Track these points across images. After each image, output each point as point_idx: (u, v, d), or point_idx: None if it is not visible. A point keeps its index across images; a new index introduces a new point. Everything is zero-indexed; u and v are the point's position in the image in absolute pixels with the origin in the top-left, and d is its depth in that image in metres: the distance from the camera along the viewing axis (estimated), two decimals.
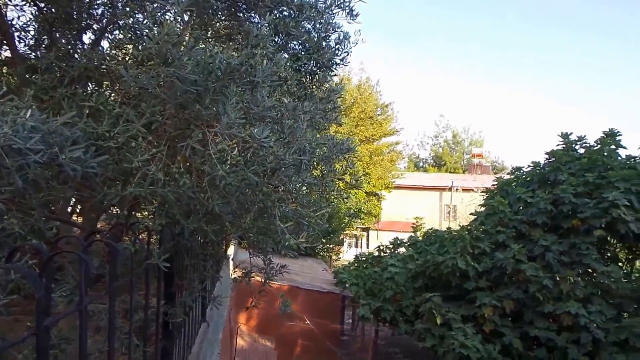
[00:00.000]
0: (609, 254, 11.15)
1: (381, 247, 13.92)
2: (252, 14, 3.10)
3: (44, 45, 2.90)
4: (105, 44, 3.15)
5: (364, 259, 13.72)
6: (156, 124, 2.06)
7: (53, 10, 2.86)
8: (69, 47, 2.89)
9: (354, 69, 34.53)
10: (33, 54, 2.84)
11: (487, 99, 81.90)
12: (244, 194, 2.25)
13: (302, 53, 3.22)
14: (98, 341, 2.43)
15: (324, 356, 12.63)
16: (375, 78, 42.32)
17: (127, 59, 2.91)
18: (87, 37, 3.18)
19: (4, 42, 2.94)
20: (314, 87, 3.59)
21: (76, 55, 2.80)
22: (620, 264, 10.98)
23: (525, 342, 9.50)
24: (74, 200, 3.37)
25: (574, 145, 11.64)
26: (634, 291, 9.12)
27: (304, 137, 1.98)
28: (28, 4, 2.96)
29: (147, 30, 2.44)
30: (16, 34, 2.86)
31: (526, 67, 78.01)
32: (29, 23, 2.87)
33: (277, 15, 3.10)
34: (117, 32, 3.05)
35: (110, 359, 1.63)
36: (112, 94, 2.87)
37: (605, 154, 11.06)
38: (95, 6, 2.94)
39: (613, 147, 11.18)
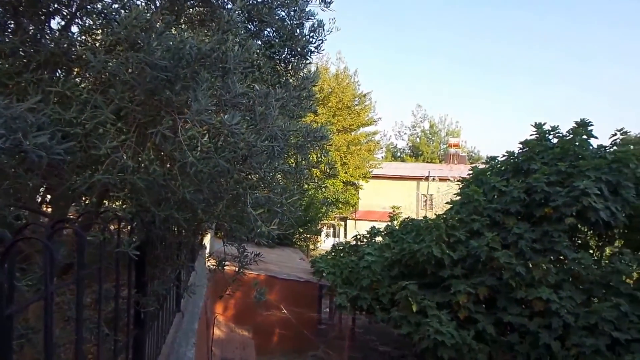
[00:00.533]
0: (579, 242, 11.45)
1: (358, 236, 14.02)
2: (226, 0, 3.06)
3: (9, 30, 2.81)
4: (75, 29, 3.07)
5: (341, 248, 13.82)
6: (125, 111, 2.02)
7: None
8: (36, 32, 2.81)
9: (332, 58, 34.49)
10: None
11: (464, 89, 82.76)
12: (216, 181, 2.23)
13: (276, 40, 3.20)
14: (68, 331, 2.40)
15: (301, 345, 12.70)
16: (353, 68, 42.26)
17: (96, 44, 2.84)
18: (56, 23, 3.09)
19: None
20: (289, 75, 3.56)
21: (43, 41, 2.72)
22: (590, 251, 11.29)
23: (499, 328, 9.72)
24: (43, 189, 3.29)
25: (547, 135, 11.87)
26: (603, 277, 9.39)
27: (276, 124, 1.97)
28: None
29: (116, 15, 2.39)
30: None
31: (503, 57, 78.93)
32: None
33: (251, 2, 3.06)
34: (85, 17, 2.97)
35: (78, 349, 1.61)
36: (82, 80, 2.80)
37: (577, 143, 11.32)
38: None
39: (585, 137, 11.43)
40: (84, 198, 2.86)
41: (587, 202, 9.49)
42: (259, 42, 3.46)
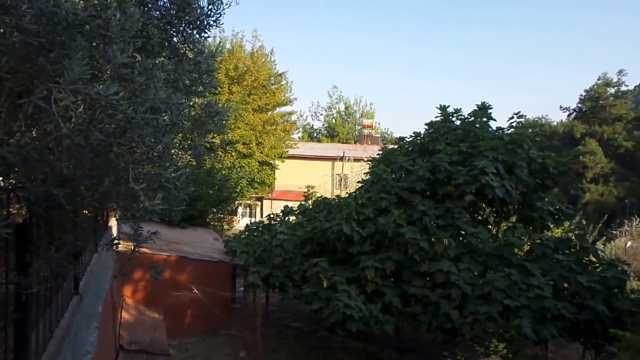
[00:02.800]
0: (480, 218, 12.27)
1: (272, 216, 14.07)
2: None
3: None
4: None
5: (254, 227, 13.80)
6: None
7: None
8: None
9: (247, 36, 33.86)
10: None
11: (378, 72, 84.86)
12: (101, 156, 2.14)
13: (171, 11, 3.08)
14: None
15: (215, 325, 12.63)
16: (270, 47, 41.87)
17: None
18: None
19: None
20: (187, 48, 3.46)
21: None
22: (489, 226, 12.14)
23: (404, 300, 10.22)
24: None
25: (450, 117, 12.49)
26: (497, 249, 10.15)
27: (157, 96, 1.91)
28: None
29: None
30: None
31: (414, 41, 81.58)
32: None
33: None
34: None
35: None
36: None
37: (478, 125, 12.03)
38: None
39: (485, 119, 12.18)
40: None
41: (484, 181, 10.14)
42: (157, 13, 3.32)
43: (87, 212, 4.86)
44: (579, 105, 47.58)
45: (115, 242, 2.97)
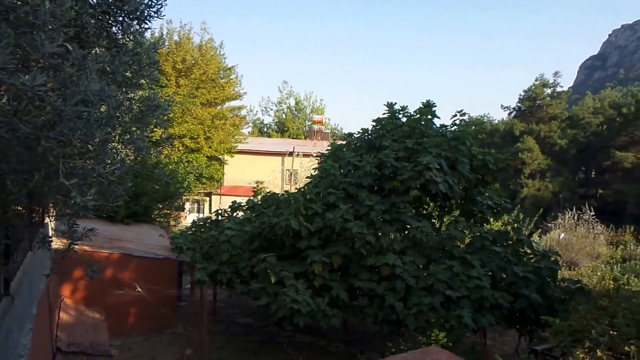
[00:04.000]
0: (424, 212, 12.59)
1: (219, 211, 13.89)
2: None
3: None
4: None
5: (201, 223, 13.59)
6: None
7: None
8: None
9: (196, 28, 33.18)
10: None
11: (328, 68, 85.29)
12: (30, 149, 2.04)
13: (109, 0, 2.97)
14: None
15: (160, 323, 12.35)
16: (219, 39, 41.14)
17: None
18: None
19: None
20: (127, 39, 3.34)
21: None
22: (433, 220, 12.47)
23: (351, 293, 10.37)
24: None
25: (397, 114, 12.72)
26: (440, 242, 10.46)
27: (89, 88, 1.84)
28: None
29: None
30: None
31: (364, 39, 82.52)
32: None
33: None
34: None
35: None
36: None
37: (423, 123, 12.31)
38: None
39: (429, 117, 12.48)
40: None
41: (428, 176, 10.41)
42: (93, 1, 3.19)
43: (20, 208, 4.63)
44: (519, 104, 49.74)
45: (48, 239, 2.84)
